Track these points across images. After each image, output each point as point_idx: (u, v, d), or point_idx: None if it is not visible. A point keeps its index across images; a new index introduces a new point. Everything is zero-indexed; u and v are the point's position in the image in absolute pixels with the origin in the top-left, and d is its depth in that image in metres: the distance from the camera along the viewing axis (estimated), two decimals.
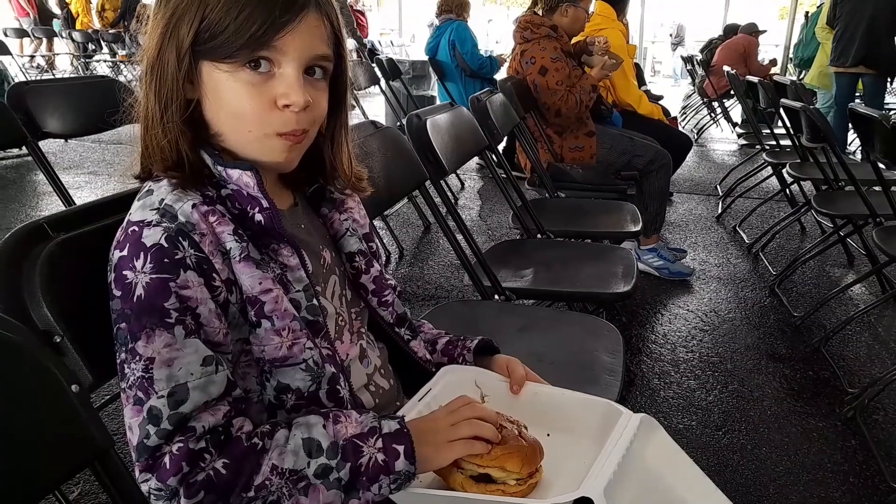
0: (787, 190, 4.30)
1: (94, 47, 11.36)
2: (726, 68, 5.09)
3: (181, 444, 0.70)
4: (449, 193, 1.96)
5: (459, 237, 1.87)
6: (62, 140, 5.84)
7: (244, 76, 0.77)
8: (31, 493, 0.66)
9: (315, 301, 0.84)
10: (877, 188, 2.81)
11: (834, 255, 3.65)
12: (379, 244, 1.05)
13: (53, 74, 10.74)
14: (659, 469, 0.86)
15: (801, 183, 4.03)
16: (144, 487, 0.70)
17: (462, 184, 5.14)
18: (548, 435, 0.93)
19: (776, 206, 4.58)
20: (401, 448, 0.75)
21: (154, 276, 0.72)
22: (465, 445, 0.78)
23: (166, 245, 0.73)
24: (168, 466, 0.69)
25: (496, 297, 1.78)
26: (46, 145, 2.05)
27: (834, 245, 3.54)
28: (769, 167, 4.38)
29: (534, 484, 0.83)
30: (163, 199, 0.77)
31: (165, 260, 0.72)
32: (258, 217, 0.80)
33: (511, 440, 0.81)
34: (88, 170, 5.40)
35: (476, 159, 5.47)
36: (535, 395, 0.98)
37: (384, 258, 1.04)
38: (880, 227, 2.51)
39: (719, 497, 0.89)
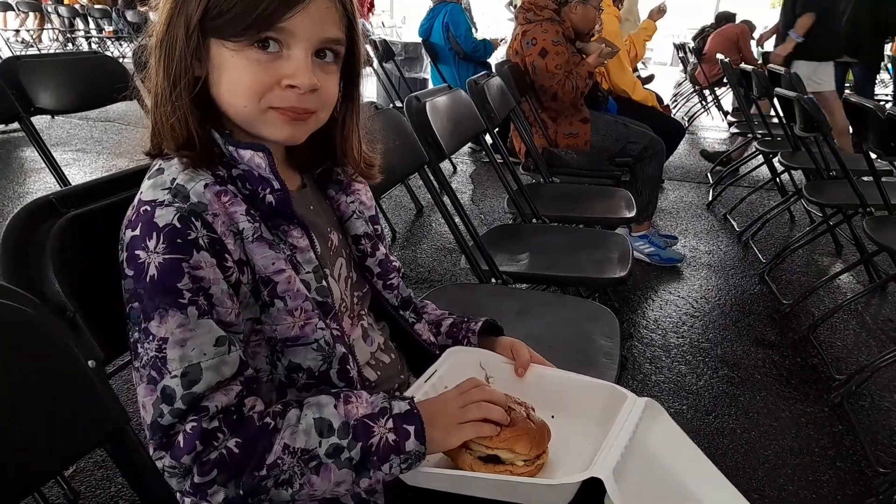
0: (778, 179, 4.33)
1: (80, 22, 11.18)
2: (720, 56, 5.09)
3: (194, 424, 0.70)
4: (436, 186, 1.95)
5: (456, 220, 1.87)
6: (48, 116, 5.77)
7: (251, 54, 0.76)
8: (49, 467, 0.67)
9: (324, 283, 0.84)
10: (867, 178, 2.83)
11: (822, 244, 3.68)
12: (383, 225, 1.05)
13: (39, 50, 10.57)
14: (663, 452, 0.87)
15: (792, 172, 4.07)
16: (159, 465, 0.70)
17: (454, 168, 5.14)
18: (552, 417, 0.94)
19: (766, 195, 4.61)
20: (411, 428, 0.76)
21: (167, 256, 0.71)
22: (474, 427, 0.79)
23: (179, 225, 0.72)
24: (182, 445, 0.69)
25: (493, 280, 1.78)
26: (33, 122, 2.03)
27: (822, 234, 3.57)
28: (760, 156, 4.41)
29: (541, 465, 0.84)
30: (174, 179, 0.76)
31: (178, 240, 0.72)
32: (269, 198, 0.80)
33: (520, 422, 0.82)
34: (76, 147, 5.34)
35: (469, 143, 5.48)
36: (539, 377, 0.99)
37: (389, 238, 1.04)
38: (870, 217, 2.54)
39: (721, 480, 0.90)
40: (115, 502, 1.71)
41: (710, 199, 4.53)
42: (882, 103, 2.47)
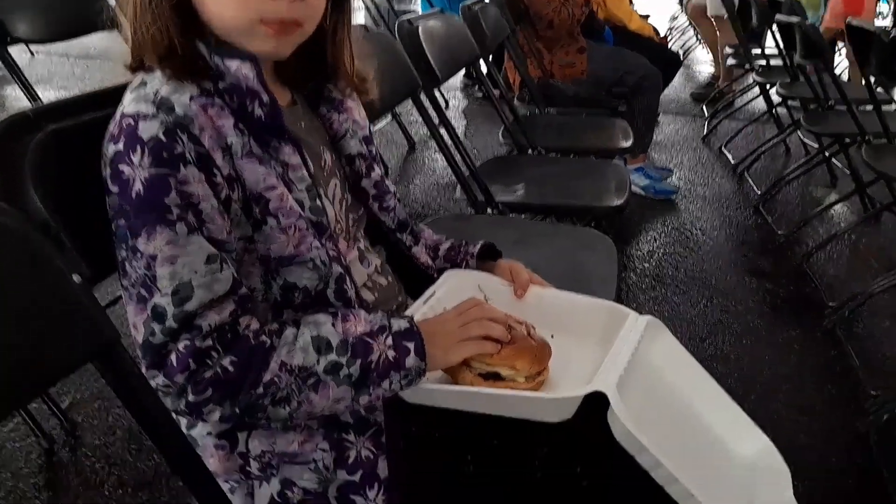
0: (774, 111, 4.27)
1: None
2: None
3: (187, 342, 0.68)
4: (433, 112, 1.90)
5: (451, 150, 1.83)
6: (28, 55, 5.60)
7: None
8: (38, 380, 0.65)
9: (318, 202, 0.81)
10: (867, 107, 2.79)
11: (817, 176, 3.66)
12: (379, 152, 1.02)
13: None
14: (665, 370, 0.87)
15: (789, 105, 4.01)
16: (153, 383, 0.69)
17: (447, 102, 5.04)
18: (552, 336, 0.93)
19: (762, 127, 4.55)
20: (411, 345, 0.75)
21: (153, 170, 0.68)
22: (475, 344, 0.78)
23: (164, 139, 0.69)
24: (175, 364, 0.68)
25: (489, 210, 1.76)
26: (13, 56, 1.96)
27: (818, 165, 3.54)
28: (756, 87, 4.33)
29: (541, 381, 0.83)
30: (158, 91, 0.72)
31: (164, 154, 0.69)
32: (258, 112, 0.77)
33: (520, 340, 0.81)
34: (58, 85, 5.20)
35: (461, 77, 5.36)
36: (539, 298, 0.98)
37: (385, 167, 1.01)
38: (869, 145, 2.51)
39: (724, 398, 0.90)
40: (113, 431, 1.72)
41: (706, 132, 4.47)
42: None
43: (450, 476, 0.80)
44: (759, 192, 3.38)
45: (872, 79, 2.56)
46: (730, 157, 3.96)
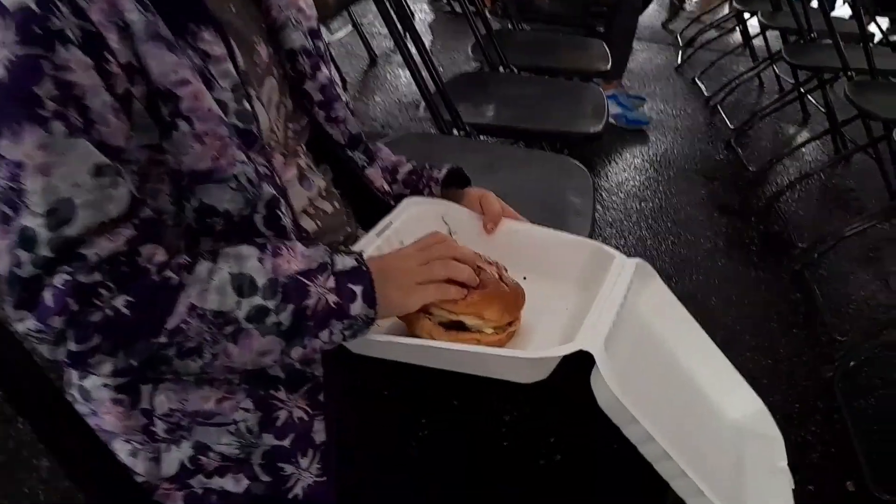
0: (751, 43, 4.13)
1: None
2: None
3: (67, 277, 0.54)
4: (399, 24, 1.71)
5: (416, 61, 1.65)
6: None
7: None
8: None
9: (247, 105, 0.65)
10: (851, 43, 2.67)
11: (790, 113, 3.57)
12: (333, 63, 0.85)
13: None
14: (654, 320, 0.76)
15: (766, 37, 3.87)
16: (20, 327, 0.55)
17: (412, 14, 4.75)
18: (524, 279, 0.81)
19: (736, 59, 4.42)
20: (358, 288, 0.62)
21: (20, 51, 0.52)
22: (437, 289, 0.66)
23: (38, 10, 0.52)
24: (50, 303, 0.53)
25: (455, 132, 1.61)
26: None
27: (792, 102, 3.45)
28: (734, 18, 4.17)
29: (512, 333, 0.71)
30: None
31: (36, 29, 0.52)
32: None
33: (490, 284, 0.69)
34: None
35: None
36: (512, 234, 0.85)
37: (339, 80, 0.84)
38: (852, 81, 2.41)
39: (715, 353, 0.81)
40: None
41: (679, 61, 4.32)
42: None
43: (399, 442, 0.69)
44: (732, 127, 3.27)
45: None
46: (703, 88, 3.83)
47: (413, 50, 1.70)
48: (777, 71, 3.92)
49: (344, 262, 0.63)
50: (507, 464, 0.68)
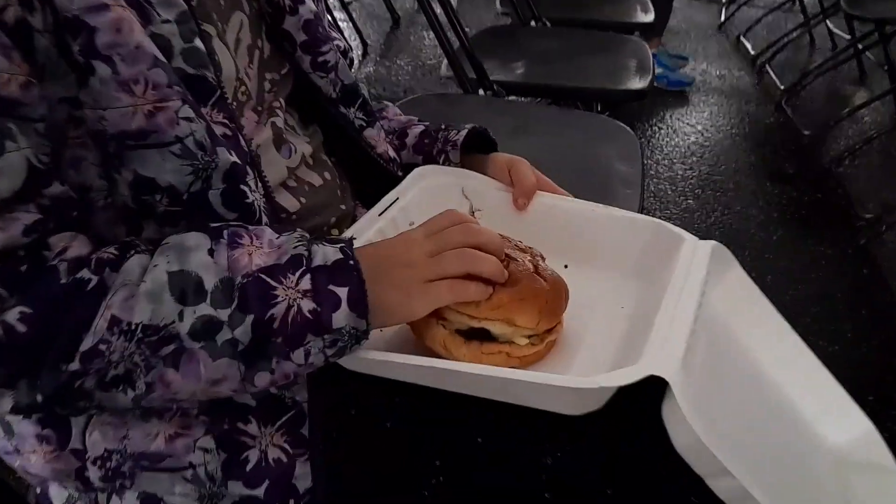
0: None
1: None
2: None
3: None
4: None
5: (438, 11, 1.47)
6: None
7: None
8: None
9: (199, 44, 0.49)
10: None
11: (846, 71, 3.30)
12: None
13: None
14: (734, 321, 0.59)
15: None
16: None
17: None
18: (566, 267, 0.64)
19: (784, 16, 4.13)
20: (342, 291, 0.46)
21: None
22: (452, 288, 0.49)
23: None
24: None
25: (481, 91, 1.43)
26: None
27: (847, 60, 3.18)
28: None
29: (552, 343, 0.55)
30: None
31: None
32: None
33: (523, 280, 0.52)
34: None
35: None
36: (550, 210, 0.68)
37: (358, 51, 0.67)
38: None
39: (809, 359, 0.64)
40: None
41: (723, 19, 4.05)
42: None
43: (408, 491, 0.52)
44: (782, 88, 3.03)
45: None
46: (749, 47, 3.58)
47: (438, 10, 1.51)
48: (830, 26, 3.65)
49: (325, 253, 0.47)
50: None
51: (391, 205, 0.64)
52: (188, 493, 0.51)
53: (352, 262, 0.46)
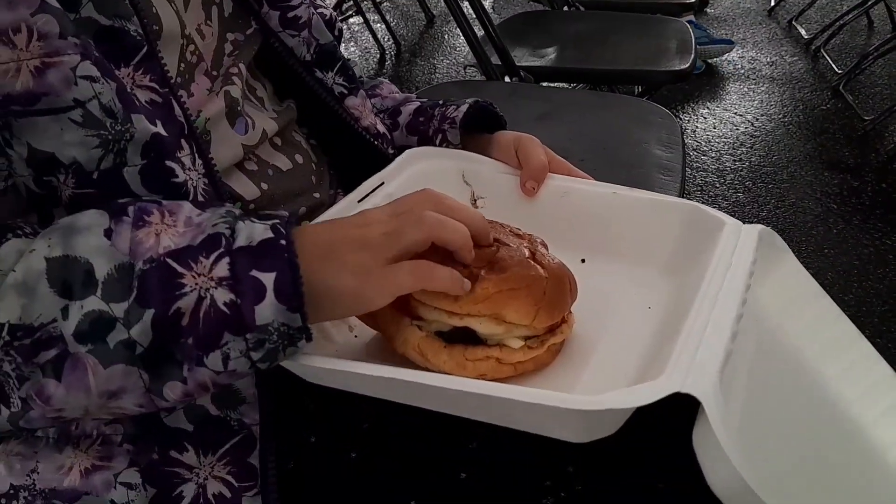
0: None
1: None
2: None
3: None
4: None
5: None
6: None
7: None
8: None
9: None
10: None
11: None
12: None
13: None
14: (785, 322, 0.48)
15: None
16: None
17: None
18: (582, 261, 0.54)
19: None
20: (269, 278, 0.36)
21: None
22: (415, 271, 0.39)
23: None
24: None
25: (507, 79, 1.33)
26: None
27: None
28: None
29: (557, 346, 0.45)
30: None
31: None
32: None
33: (513, 266, 0.42)
34: None
35: None
36: (563, 195, 0.58)
37: (330, 14, 0.58)
38: None
39: (873, 358, 0.52)
40: None
41: (773, 3, 3.88)
42: None
43: None
44: (840, 72, 2.85)
45: None
46: (802, 31, 3.40)
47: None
48: (890, 6, 3.44)
49: (251, 231, 0.38)
50: None
51: (374, 190, 0.55)
52: None
53: (283, 241, 0.37)
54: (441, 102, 0.65)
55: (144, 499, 0.42)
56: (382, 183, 0.56)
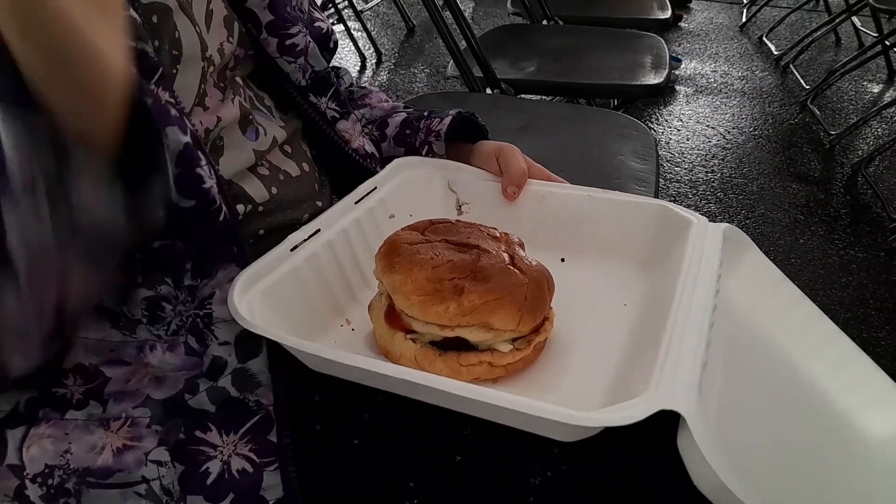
0: None
1: None
2: None
3: None
4: None
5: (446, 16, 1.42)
6: None
7: None
8: None
9: (134, 13, 0.44)
10: None
11: (873, 70, 3.20)
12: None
13: None
14: (755, 312, 0.52)
15: None
16: None
17: None
18: (562, 260, 0.58)
19: (807, 15, 4.03)
20: None
21: None
22: None
23: None
24: None
25: (488, 90, 1.37)
26: None
27: (874, 58, 3.08)
28: None
29: (541, 344, 0.48)
30: None
31: None
32: None
33: (496, 276, 0.46)
34: None
35: None
36: (542, 199, 0.62)
37: (326, 28, 0.61)
38: None
39: (843, 343, 0.56)
40: None
41: (744, 20, 3.97)
42: None
43: None
44: (807, 87, 2.93)
45: None
46: (772, 47, 3.49)
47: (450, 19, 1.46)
48: (856, 24, 3.55)
49: None
50: None
51: (368, 194, 0.58)
52: None
53: None
54: (426, 114, 0.68)
55: (174, 475, 0.45)
56: (375, 188, 0.59)
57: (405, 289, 0.45)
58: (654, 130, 2.55)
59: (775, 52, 3.41)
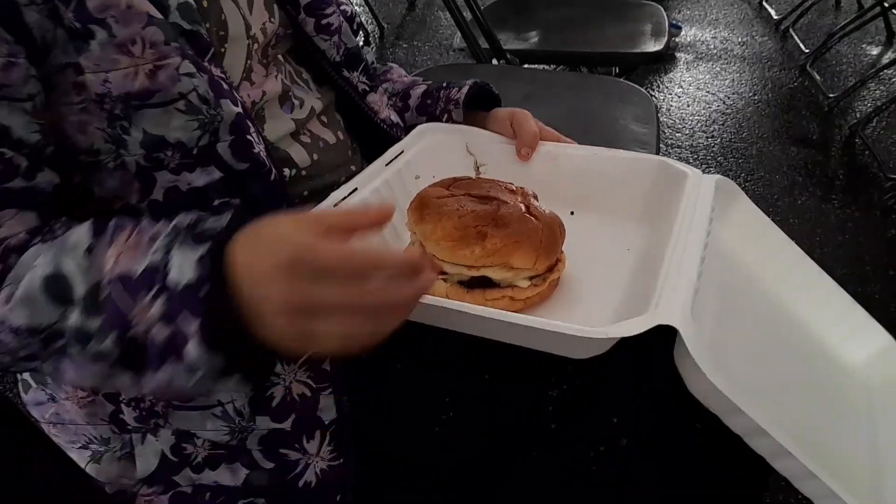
0: None
1: None
2: None
3: None
4: None
5: None
6: None
7: None
8: None
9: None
10: None
11: (872, 32, 3.21)
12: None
13: None
14: (745, 253, 0.59)
15: None
16: None
17: None
18: (571, 213, 0.65)
19: None
20: (191, 326, 0.39)
21: None
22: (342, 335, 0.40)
23: None
24: None
25: (494, 61, 1.42)
26: None
27: (873, 20, 3.10)
28: None
29: (556, 280, 0.55)
30: None
31: None
32: None
33: (513, 223, 0.52)
34: None
35: None
36: (553, 158, 0.68)
37: (351, 11, 0.67)
38: None
39: (823, 280, 0.63)
40: None
41: None
42: None
43: (420, 428, 0.54)
44: (807, 51, 2.96)
45: None
46: (772, 11, 3.50)
47: None
48: None
49: (181, 269, 0.39)
50: (557, 450, 0.52)
51: (396, 157, 0.65)
52: (219, 428, 0.53)
53: (201, 291, 0.38)
54: (444, 84, 0.75)
55: (244, 398, 0.52)
56: (402, 151, 0.66)
57: (435, 236, 0.52)
58: (656, 97, 2.59)
59: (775, 17, 3.42)
